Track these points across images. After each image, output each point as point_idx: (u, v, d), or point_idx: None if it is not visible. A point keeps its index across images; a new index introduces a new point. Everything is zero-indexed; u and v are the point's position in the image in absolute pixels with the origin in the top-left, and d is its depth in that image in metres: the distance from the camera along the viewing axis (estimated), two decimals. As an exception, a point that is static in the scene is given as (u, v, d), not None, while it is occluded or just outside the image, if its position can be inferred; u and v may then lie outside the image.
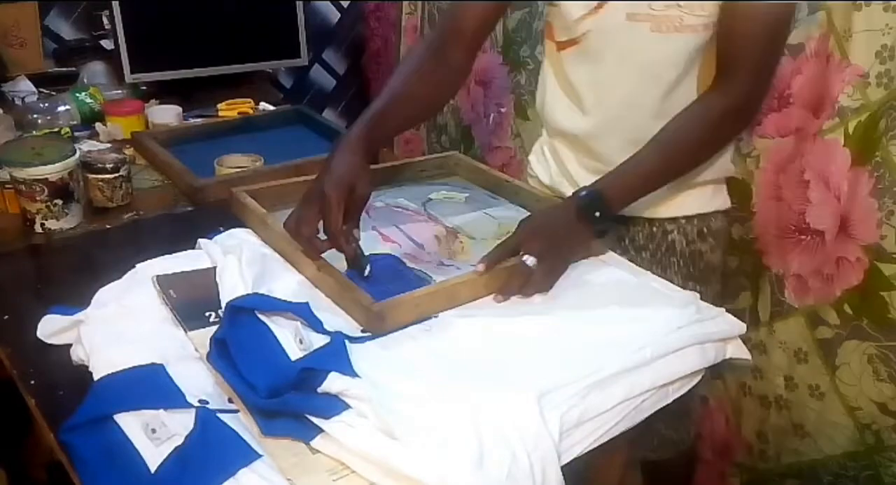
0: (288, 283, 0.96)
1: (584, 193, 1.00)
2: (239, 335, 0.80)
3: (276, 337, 0.81)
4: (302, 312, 0.84)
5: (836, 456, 1.27)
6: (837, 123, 1.17)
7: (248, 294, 0.86)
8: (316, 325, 0.84)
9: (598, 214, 0.99)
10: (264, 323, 0.82)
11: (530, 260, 0.93)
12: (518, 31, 1.67)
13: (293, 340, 0.81)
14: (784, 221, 1.26)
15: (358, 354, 0.82)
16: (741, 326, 0.97)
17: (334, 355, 0.79)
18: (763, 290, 1.33)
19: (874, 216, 1.14)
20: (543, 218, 1.02)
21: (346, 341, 0.82)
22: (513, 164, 1.80)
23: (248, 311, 0.82)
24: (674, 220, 1.18)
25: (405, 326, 0.88)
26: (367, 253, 0.98)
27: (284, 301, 0.86)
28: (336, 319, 0.89)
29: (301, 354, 0.79)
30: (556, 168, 1.23)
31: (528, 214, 1.14)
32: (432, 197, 1.24)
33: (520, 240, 0.96)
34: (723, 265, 1.25)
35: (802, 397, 1.29)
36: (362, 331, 0.86)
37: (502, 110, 1.80)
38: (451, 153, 1.39)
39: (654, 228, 1.18)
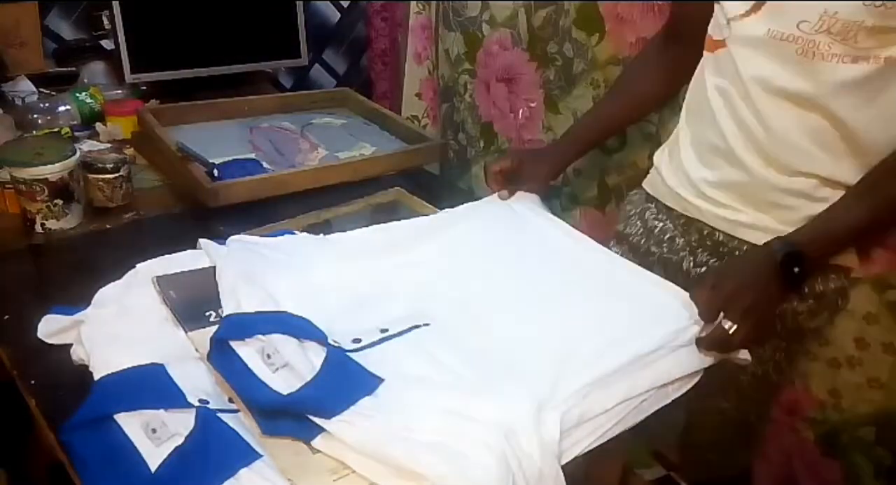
0: (288, 283, 0.96)
1: (781, 247, 0.91)
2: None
3: (245, 364, 0.79)
4: (300, 330, 0.83)
5: None
6: None
7: (232, 316, 0.85)
8: (319, 336, 0.83)
9: (797, 269, 0.90)
10: (234, 350, 0.81)
11: (728, 325, 0.87)
12: (544, 28, 1.70)
13: (260, 358, 0.79)
14: None
15: (357, 359, 0.82)
16: None
17: (341, 377, 0.78)
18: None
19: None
20: (743, 271, 0.92)
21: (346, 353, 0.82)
22: (545, 156, 1.84)
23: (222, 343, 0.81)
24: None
25: (237, 203, 1.24)
26: (236, 157, 1.35)
27: (278, 317, 0.84)
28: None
29: (270, 370, 0.77)
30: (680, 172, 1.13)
31: (388, 135, 1.44)
32: (313, 121, 1.50)
33: (721, 302, 0.89)
34: (825, 328, 1.17)
35: (876, 354, 1.33)
36: (353, 341, 0.86)
37: (532, 105, 1.83)
38: (342, 88, 1.70)
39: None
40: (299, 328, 0.83)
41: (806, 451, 1.51)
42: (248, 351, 0.79)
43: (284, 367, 0.77)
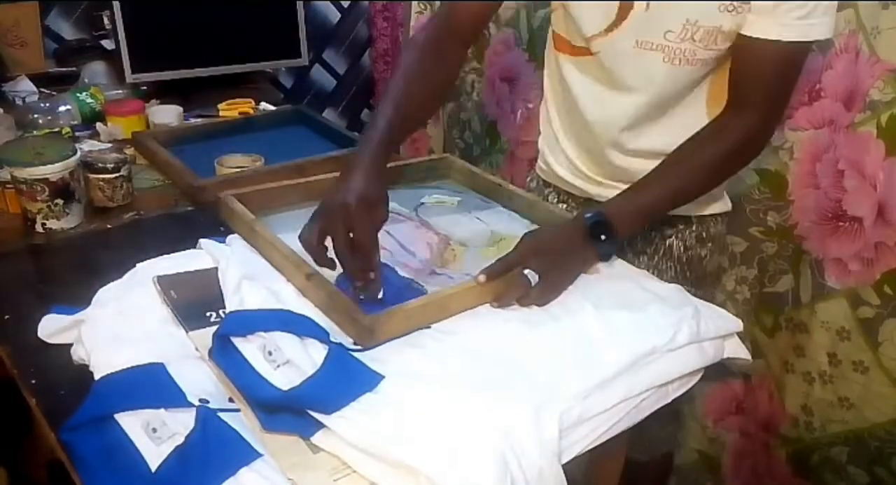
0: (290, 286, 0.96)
1: (590, 215, 0.98)
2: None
3: (246, 360, 0.79)
4: (302, 328, 0.83)
5: (882, 423, 1.32)
6: (870, 116, 1.21)
7: (235, 313, 0.85)
8: (321, 335, 0.83)
9: (603, 237, 0.97)
10: (235, 347, 0.81)
11: (531, 274, 0.92)
12: (543, 28, 1.70)
13: (262, 355, 0.79)
14: (821, 208, 1.31)
15: (360, 357, 0.82)
16: (738, 323, 0.97)
17: (341, 374, 0.77)
18: (804, 273, 1.37)
19: (912, 203, 1.19)
20: (549, 235, 0.99)
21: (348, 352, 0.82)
22: (542, 157, 1.84)
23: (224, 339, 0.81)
24: (672, 224, 1.17)
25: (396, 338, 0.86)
26: None
27: (280, 315, 0.84)
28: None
29: (271, 367, 0.77)
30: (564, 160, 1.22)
31: (520, 219, 1.17)
32: (424, 201, 1.21)
33: (523, 255, 0.94)
34: (719, 269, 1.23)
35: (846, 372, 1.34)
36: (354, 343, 0.86)
37: (530, 106, 1.84)
38: (444, 155, 1.36)
39: (653, 232, 1.18)
40: (301, 326, 0.83)
41: (777, 470, 1.51)
42: (249, 348, 0.80)
43: (286, 364, 0.78)
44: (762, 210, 1.37)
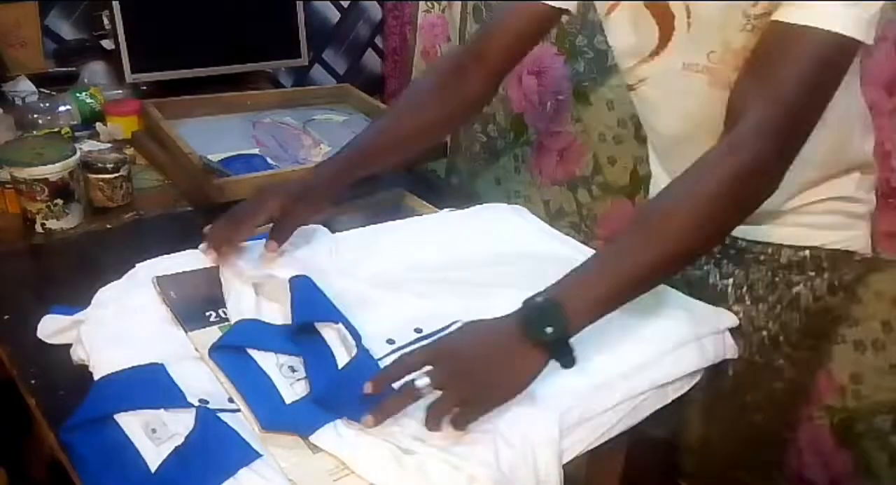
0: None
1: (536, 299, 0.74)
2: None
3: (266, 374, 0.79)
4: (314, 354, 0.81)
5: None
6: None
7: (240, 325, 0.85)
8: (354, 337, 0.81)
9: (550, 329, 0.72)
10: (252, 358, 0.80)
11: (422, 382, 0.70)
12: (572, 22, 1.74)
13: (276, 366, 0.79)
14: None
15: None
16: (734, 320, 0.97)
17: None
18: None
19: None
20: (471, 331, 0.75)
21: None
22: (574, 147, 1.89)
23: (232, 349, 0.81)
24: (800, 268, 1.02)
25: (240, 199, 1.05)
26: (239, 152, 1.39)
27: (295, 336, 0.82)
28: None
29: (287, 381, 0.77)
30: None
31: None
32: (315, 117, 1.54)
33: (428, 356, 0.72)
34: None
35: None
36: (387, 341, 0.84)
37: (560, 98, 1.88)
38: (344, 85, 1.79)
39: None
40: (312, 352, 0.81)
41: (820, 440, 1.52)
42: (263, 357, 0.79)
43: (304, 380, 0.77)
44: None
